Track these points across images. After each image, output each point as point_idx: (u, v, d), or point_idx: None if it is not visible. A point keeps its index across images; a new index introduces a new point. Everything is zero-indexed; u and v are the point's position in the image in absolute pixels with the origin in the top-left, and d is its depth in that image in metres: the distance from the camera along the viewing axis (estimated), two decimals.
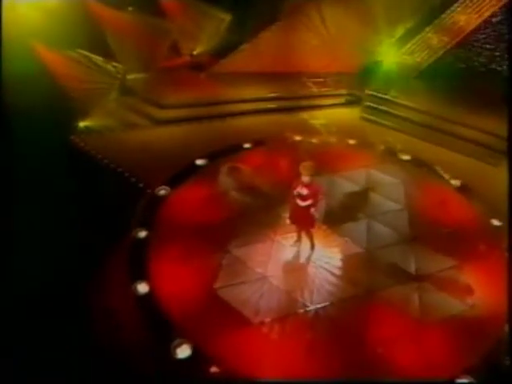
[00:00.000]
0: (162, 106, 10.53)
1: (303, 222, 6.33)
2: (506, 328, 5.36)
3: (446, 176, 8.61)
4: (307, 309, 5.76)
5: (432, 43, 12.02)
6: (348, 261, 6.55)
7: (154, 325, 5.39)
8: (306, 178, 5.94)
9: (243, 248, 6.69)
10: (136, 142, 9.30)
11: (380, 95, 11.27)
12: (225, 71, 12.08)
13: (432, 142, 9.92)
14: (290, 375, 4.91)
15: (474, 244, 6.90)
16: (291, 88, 11.73)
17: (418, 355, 5.21)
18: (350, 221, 7.33)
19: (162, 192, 7.80)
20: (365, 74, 11.95)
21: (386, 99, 11.16)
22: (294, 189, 6.07)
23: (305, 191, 5.97)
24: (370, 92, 11.38)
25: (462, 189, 8.29)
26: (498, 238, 7.07)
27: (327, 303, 5.86)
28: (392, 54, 12.06)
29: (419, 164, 9.01)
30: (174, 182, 8.04)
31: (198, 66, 12.55)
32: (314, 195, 6.00)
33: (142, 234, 6.85)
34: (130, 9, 11.24)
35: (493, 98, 11.01)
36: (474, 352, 5.25)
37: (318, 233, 6.78)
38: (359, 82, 11.77)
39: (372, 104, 11.21)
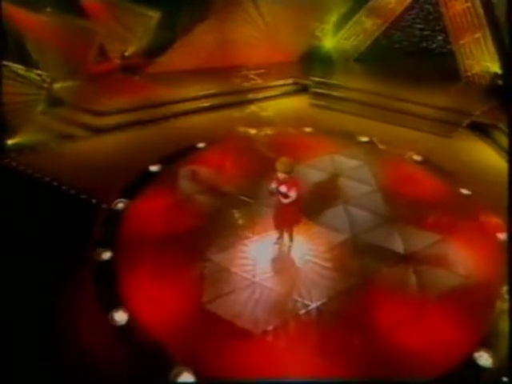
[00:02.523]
0: (98, 114, 9.56)
1: (289, 219, 5.89)
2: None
3: (407, 153, 8.66)
4: (309, 308, 5.32)
5: (366, 26, 12.22)
6: (336, 250, 6.23)
7: (146, 356, 4.63)
8: (282, 175, 5.48)
9: (223, 253, 6.11)
10: (77, 155, 8.31)
11: (325, 81, 11.25)
12: (160, 71, 11.35)
13: (384, 121, 10.03)
14: (309, 379, 4.45)
15: (451, 215, 6.90)
16: (234, 82, 11.30)
17: (432, 335, 5.01)
18: (326, 209, 7.02)
19: (120, 205, 6.97)
20: (307, 62, 11.89)
21: (332, 84, 11.17)
22: (275, 186, 5.58)
23: (284, 188, 5.52)
24: (316, 78, 11.33)
25: (424, 163, 8.40)
26: (471, 206, 7.18)
27: (327, 298, 5.46)
28: (330, 39, 12.08)
29: (378, 144, 8.99)
30: (130, 192, 7.24)
31: (130, 69, 11.65)
32: (293, 191, 5.55)
33: (106, 255, 6.01)
34: (48, 10, 10.05)
35: (429, 74, 11.54)
36: (483, 322, 5.14)
37: (298, 226, 6.36)
38: (303, 70, 11.67)
39: (319, 90, 11.14)
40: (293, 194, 5.57)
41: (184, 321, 5.09)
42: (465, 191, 7.52)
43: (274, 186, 5.60)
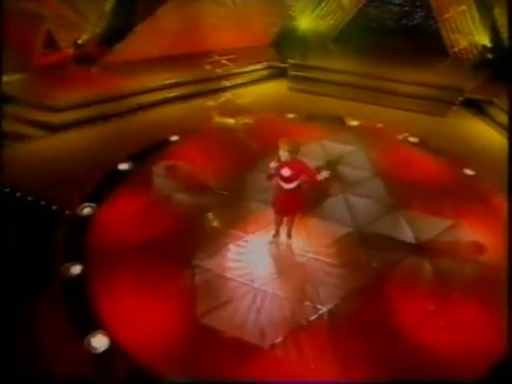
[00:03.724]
0: (53, 110, 8.77)
1: (290, 207, 5.41)
2: None
3: (401, 135, 8.41)
4: (320, 312, 4.87)
5: (343, 4, 11.92)
6: (341, 245, 5.85)
7: None
8: (285, 155, 4.99)
9: (213, 258, 5.59)
10: (32, 157, 7.55)
11: (304, 63, 10.90)
12: (120, 60, 10.61)
13: (372, 102, 9.76)
14: None
15: (459, 198, 6.71)
16: (204, 69, 10.74)
17: (462, 331, 4.67)
18: (323, 200, 6.62)
19: (87, 211, 6.30)
20: (282, 44, 11.49)
21: (312, 66, 10.82)
22: (275, 170, 5.09)
23: (287, 172, 5.04)
24: (293, 61, 10.94)
25: (422, 145, 8.19)
26: (477, 187, 7.00)
27: (339, 299, 5.03)
28: (305, 19, 11.70)
29: (369, 127, 8.71)
30: (98, 195, 6.59)
31: (85, 59, 10.83)
32: (299, 174, 5.08)
33: (76, 269, 5.35)
34: None
35: (413, 52, 11.39)
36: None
37: (296, 220, 5.91)
38: (279, 53, 11.27)
39: (297, 73, 10.78)
40: (296, 180, 5.09)
41: (177, 341, 4.54)
42: (469, 171, 7.36)
43: (274, 165, 5.07)
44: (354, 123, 8.89)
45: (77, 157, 7.55)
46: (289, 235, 5.84)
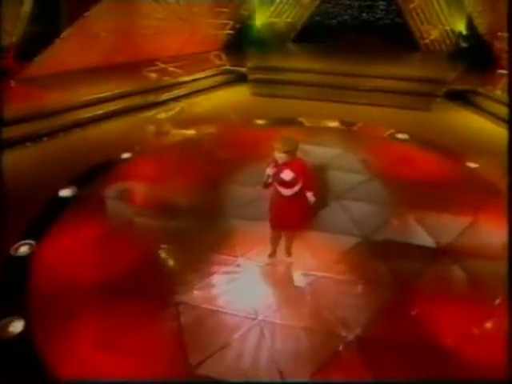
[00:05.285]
0: None
1: (291, 219, 4.87)
2: None
3: (387, 133, 8.30)
4: (347, 340, 4.30)
5: (298, 1, 11.91)
6: (351, 258, 5.38)
7: None
8: (283, 156, 4.50)
9: (200, 290, 4.90)
10: None
11: (263, 65, 10.72)
12: (45, 72, 9.84)
13: (347, 101, 9.68)
14: None
15: (469, 192, 6.61)
16: (149, 78, 10.20)
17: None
18: (321, 210, 6.18)
19: (23, 250, 5.43)
20: (237, 46, 11.27)
21: (272, 68, 10.66)
22: (274, 175, 4.58)
23: (288, 174, 4.54)
24: (251, 64, 10.71)
25: (412, 141, 8.11)
26: (484, 179, 6.99)
27: (365, 321, 4.50)
28: (260, 18, 11.55)
29: (350, 127, 8.53)
30: (37, 229, 5.75)
31: (1, 72, 9.94)
32: (300, 177, 4.60)
33: (16, 326, 4.45)
34: None
35: (379, 47, 11.57)
36: None
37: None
38: (234, 56, 11.04)
39: (259, 76, 10.55)
40: (297, 184, 4.61)
41: None
42: (472, 164, 7.33)
43: (270, 171, 4.56)
44: (333, 124, 8.72)
45: (4, 187, 6.62)
46: (288, 253, 5.30)
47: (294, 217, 4.85)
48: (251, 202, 6.22)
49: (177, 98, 9.87)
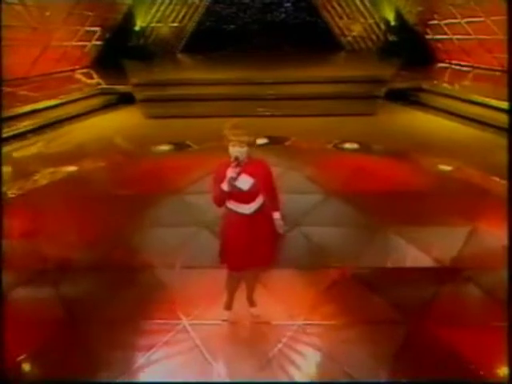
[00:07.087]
0: None
1: (256, 251, 4.27)
2: None
3: (331, 143, 8.34)
4: None
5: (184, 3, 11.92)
6: (336, 295, 5.03)
7: None
8: (240, 151, 3.95)
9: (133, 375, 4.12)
10: None
11: (152, 80, 10.49)
12: None
13: (264, 114, 9.80)
14: None
15: (455, 198, 6.71)
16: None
17: None
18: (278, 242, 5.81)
19: None
20: (114, 61, 10.91)
21: (165, 82, 10.49)
22: (228, 183, 3.98)
23: (247, 181, 4.00)
24: (137, 81, 10.39)
25: (364, 150, 8.30)
26: (465, 180, 7.25)
27: (382, 370, 4.07)
28: (139, 22, 11.28)
29: (283, 142, 8.48)
30: None
31: None
32: (262, 184, 4.11)
33: None
34: None
35: (293, 50, 11.93)
36: None
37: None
38: (110, 73, 10.66)
39: (149, 94, 10.25)
40: (259, 194, 4.12)
41: None
42: (445, 166, 7.56)
43: (233, 174, 3.92)
44: (260, 141, 8.63)
45: None
46: (251, 302, 4.73)
47: (260, 247, 4.27)
48: (180, 247, 5.76)
49: (39, 129, 9.25)
